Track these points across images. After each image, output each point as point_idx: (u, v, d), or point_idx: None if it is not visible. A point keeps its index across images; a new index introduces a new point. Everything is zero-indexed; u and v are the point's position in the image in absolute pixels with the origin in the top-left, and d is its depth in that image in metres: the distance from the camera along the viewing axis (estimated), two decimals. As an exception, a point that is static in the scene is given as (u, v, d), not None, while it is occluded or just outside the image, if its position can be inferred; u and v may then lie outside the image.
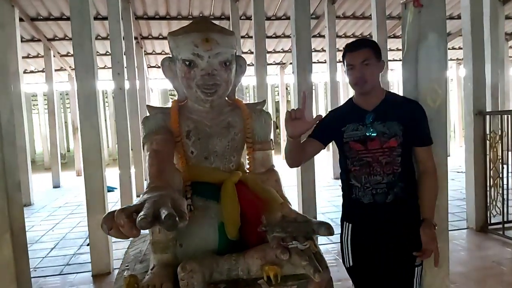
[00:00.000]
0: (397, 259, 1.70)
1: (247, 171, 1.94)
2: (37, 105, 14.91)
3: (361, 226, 1.79)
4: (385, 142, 1.68)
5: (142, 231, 1.06)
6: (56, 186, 8.69)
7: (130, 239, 2.33)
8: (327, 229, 1.55)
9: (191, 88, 1.80)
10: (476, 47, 3.95)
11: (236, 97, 2.01)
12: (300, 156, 1.89)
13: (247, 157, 1.95)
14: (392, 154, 1.69)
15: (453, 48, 10.88)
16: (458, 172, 6.38)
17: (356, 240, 1.80)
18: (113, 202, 6.15)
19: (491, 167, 4.00)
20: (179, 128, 1.82)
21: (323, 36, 8.22)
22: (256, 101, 2.16)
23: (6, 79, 1.67)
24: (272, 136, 2.03)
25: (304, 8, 3.43)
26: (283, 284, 1.50)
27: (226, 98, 1.96)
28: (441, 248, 1.31)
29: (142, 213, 1.08)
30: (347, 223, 1.84)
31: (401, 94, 1.76)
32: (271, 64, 11.71)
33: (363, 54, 1.68)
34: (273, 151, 2.03)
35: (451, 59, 10.54)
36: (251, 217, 1.72)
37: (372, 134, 1.70)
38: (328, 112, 1.93)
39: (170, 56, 1.89)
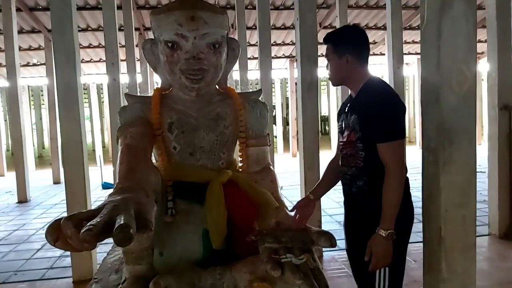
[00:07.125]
0: (361, 249, 1.66)
1: (240, 169, 1.74)
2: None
3: (345, 212, 1.88)
4: (347, 135, 1.71)
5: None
6: (56, 182, 8.33)
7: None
8: (328, 240, 1.35)
9: (174, 73, 1.60)
10: (502, 33, 3.62)
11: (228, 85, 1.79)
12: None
13: (239, 154, 1.76)
14: (354, 148, 1.68)
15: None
16: (478, 172, 6.07)
17: (345, 224, 1.91)
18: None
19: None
20: (160, 120, 1.62)
21: (334, 27, 7.90)
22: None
23: None
24: (268, 130, 1.83)
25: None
26: (275, 305, 1.28)
27: (217, 86, 1.75)
28: (467, 269, 1.06)
29: (91, 222, 0.86)
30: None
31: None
32: (280, 57, 11.37)
33: (326, 50, 1.75)
34: (269, 147, 1.82)
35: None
36: (241, 223, 1.54)
37: (343, 126, 1.75)
38: None
39: (153, 38, 1.67)
